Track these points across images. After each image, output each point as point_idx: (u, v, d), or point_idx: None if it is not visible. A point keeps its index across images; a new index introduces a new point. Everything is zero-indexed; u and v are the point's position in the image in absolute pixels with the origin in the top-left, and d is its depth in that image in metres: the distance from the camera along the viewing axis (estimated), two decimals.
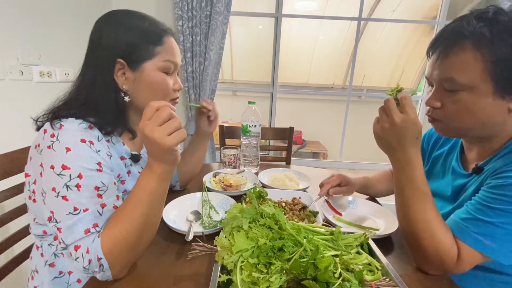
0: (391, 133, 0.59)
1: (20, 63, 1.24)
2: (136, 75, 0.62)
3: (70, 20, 1.47)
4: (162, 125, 0.49)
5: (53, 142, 0.52)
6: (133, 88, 0.63)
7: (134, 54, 0.60)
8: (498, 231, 0.53)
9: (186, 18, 1.77)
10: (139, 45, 0.61)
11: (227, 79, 4.20)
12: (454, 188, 0.71)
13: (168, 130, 0.49)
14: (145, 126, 0.49)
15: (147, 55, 0.61)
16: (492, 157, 0.63)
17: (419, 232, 0.59)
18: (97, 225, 0.52)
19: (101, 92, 0.60)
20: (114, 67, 0.60)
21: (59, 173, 0.51)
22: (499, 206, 0.54)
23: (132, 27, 0.61)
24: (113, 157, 0.62)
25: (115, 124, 0.62)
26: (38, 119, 0.59)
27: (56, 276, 0.62)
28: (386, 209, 0.85)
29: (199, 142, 0.97)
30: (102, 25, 0.61)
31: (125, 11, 0.64)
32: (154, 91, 0.64)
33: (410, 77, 4.15)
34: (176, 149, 0.51)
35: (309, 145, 3.98)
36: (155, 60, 0.62)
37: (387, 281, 0.48)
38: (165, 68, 0.64)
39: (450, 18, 2.18)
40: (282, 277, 0.44)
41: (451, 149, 0.78)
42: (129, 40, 0.60)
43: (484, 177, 0.61)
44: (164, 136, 0.49)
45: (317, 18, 3.01)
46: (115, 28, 0.60)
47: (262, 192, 0.61)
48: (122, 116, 0.64)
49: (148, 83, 0.63)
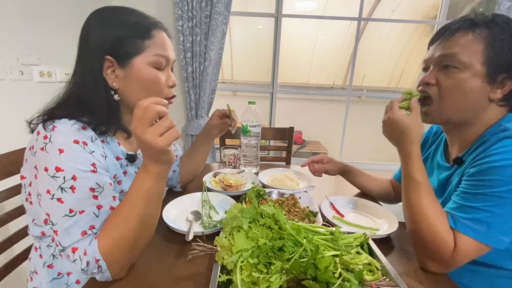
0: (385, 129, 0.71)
1: (20, 63, 1.24)
2: (126, 72, 0.60)
3: (70, 20, 1.47)
4: (152, 126, 0.47)
5: (46, 144, 0.51)
6: (124, 85, 0.61)
7: (122, 50, 0.58)
8: (484, 215, 0.56)
9: (186, 18, 1.77)
10: (126, 40, 0.58)
11: (227, 79, 4.20)
12: (440, 181, 0.75)
13: (160, 131, 0.48)
14: (136, 128, 0.48)
15: (135, 50, 0.59)
16: (470, 147, 0.67)
17: (416, 220, 0.62)
18: (93, 227, 0.52)
19: (91, 91, 0.59)
20: (103, 64, 0.58)
21: (53, 175, 0.50)
22: (479, 191, 0.58)
23: (119, 22, 0.59)
24: (108, 158, 0.61)
25: (108, 123, 0.60)
26: (32, 121, 0.58)
27: (54, 277, 0.62)
28: (386, 209, 0.85)
29: (203, 143, 0.96)
30: (89, 23, 0.60)
31: (113, 7, 0.62)
32: (146, 88, 0.62)
33: (410, 77, 4.15)
34: (169, 149, 0.50)
35: (309, 145, 3.98)
36: (144, 55, 0.60)
37: (387, 281, 0.48)
38: (156, 63, 0.62)
39: (450, 18, 2.18)
40: (282, 277, 0.44)
41: (436, 147, 0.84)
42: (116, 36, 0.58)
43: (464, 167, 0.66)
44: (156, 137, 0.47)
45: (317, 18, 3.00)
46: (102, 25, 0.59)
47: (261, 191, 0.61)
48: (115, 115, 0.62)
49: (138, 79, 0.61)
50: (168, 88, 0.66)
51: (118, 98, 0.62)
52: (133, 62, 0.60)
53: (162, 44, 0.63)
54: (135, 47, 0.59)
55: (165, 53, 0.63)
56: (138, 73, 0.60)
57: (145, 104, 0.48)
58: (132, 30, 0.59)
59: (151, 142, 0.47)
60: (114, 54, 0.58)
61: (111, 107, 0.61)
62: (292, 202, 0.85)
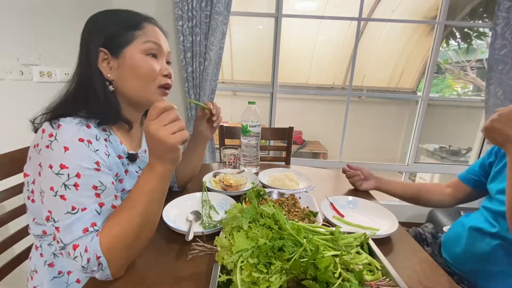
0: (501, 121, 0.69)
1: (20, 63, 1.24)
2: (119, 62, 0.62)
3: (70, 20, 1.47)
4: (167, 125, 0.51)
5: (51, 141, 0.52)
6: (118, 76, 0.63)
7: (114, 42, 0.61)
8: None
9: (186, 18, 1.77)
10: (118, 31, 0.61)
11: (227, 79, 4.20)
12: None
13: (173, 129, 0.51)
14: (150, 125, 0.50)
15: (126, 40, 0.62)
16: None
17: None
18: (95, 224, 0.52)
19: (88, 83, 0.61)
20: (98, 57, 0.61)
21: (57, 173, 0.51)
22: None
23: (112, 17, 0.63)
24: (111, 156, 0.62)
25: (106, 113, 0.62)
26: (35, 120, 0.60)
27: (55, 276, 0.62)
28: (386, 209, 0.85)
29: (195, 145, 0.91)
30: (86, 26, 0.63)
31: (111, 10, 0.65)
32: (139, 75, 0.62)
33: (410, 77, 4.15)
34: (179, 147, 0.52)
35: (309, 145, 3.98)
36: (135, 44, 0.62)
37: (387, 281, 0.48)
38: (148, 49, 0.63)
39: (450, 18, 2.18)
40: (282, 277, 0.44)
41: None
42: (109, 29, 0.61)
43: None
44: (169, 134, 0.50)
45: (317, 18, 3.00)
46: (97, 22, 0.62)
47: (261, 191, 0.61)
48: (113, 107, 0.64)
49: (131, 67, 0.62)
50: (162, 77, 0.66)
51: (112, 89, 0.63)
52: (125, 51, 0.62)
53: (153, 33, 0.65)
54: (126, 38, 0.62)
55: (156, 40, 0.65)
56: (130, 61, 0.62)
57: (164, 105, 0.51)
58: (123, 22, 0.63)
59: (164, 138, 0.50)
60: (107, 46, 0.61)
61: (108, 98, 0.63)
62: (292, 202, 0.85)
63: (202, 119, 0.87)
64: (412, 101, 3.91)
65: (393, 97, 4.35)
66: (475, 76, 3.68)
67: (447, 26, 2.09)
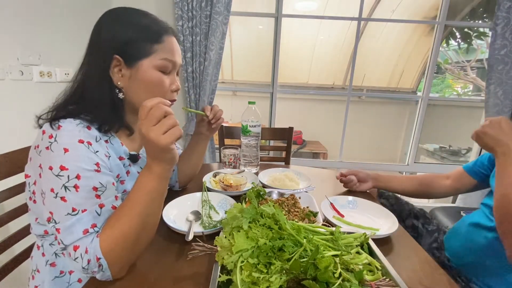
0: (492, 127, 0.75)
1: (20, 63, 1.24)
2: (132, 72, 0.61)
3: (70, 20, 1.47)
4: (156, 124, 0.49)
5: (51, 143, 0.52)
6: (128, 85, 0.62)
7: (131, 51, 0.60)
8: None
9: (186, 18, 1.77)
10: (137, 42, 0.60)
11: (227, 79, 4.19)
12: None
13: (163, 129, 0.49)
14: (141, 126, 0.49)
15: (144, 52, 0.60)
16: None
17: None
18: (95, 225, 0.53)
19: (96, 87, 0.60)
20: (111, 63, 0.59)
21: (57, 174, 0.51)
22: None
23: (132, 24, 0.60)
24: (112, 158, 0.62)
25: (111, 120, 0.61)
26: (41, 117, 0.59)
27: (57, 275, 0.62)
28: (386, 209, 0.85)
29: (196, 143, 0.94)
30: (102, 22, 0.61)
31: (127, 8, 0.63)
32: (149, 89, 0.62)
33: (410, 77, 4.15)
34: (172, 147, 0.51)
35: (309, 145, 3.98)
36: (152, 58, 0.61)
37: (387, 281, 0.48)
38: (162, 66, 0.63)
39: (450, 18, 2.18)
40: (282, 277, 0.44)
41: None
42: (127, 37, 0.59)
43: None
44: (159, 135, 0.48)
45: (317, 18, 3.00)
46: (114, 25, 0.60)
47: (261, 191, 0.61)
48: (118, 113, 0.63)
49: (143, 81, 0.62)
50: (171, 92, 0.67)
51: (122, 97, 0.63)
52: (140, 64, 0.61)
53: (170, 49, 0.64)
54: (144, 50, 0.60)
55: (172, 58, 0.64)
56: (143, 75, 0.61)
57: (150, 104, 0.49)
58: (143, 32, 0.60)
59: (155, 139, 0.48)
60: (122, 54, 0.59)
61: (114, 104, 0.62)
62: (292, 202, 0.85)
63: (203, 121, 0.90)
64: (412, 101, 3.92)
65: (393, 97, 4.34)
66: (475, 76, 3.69)
67: (447, 26, 2.09)
